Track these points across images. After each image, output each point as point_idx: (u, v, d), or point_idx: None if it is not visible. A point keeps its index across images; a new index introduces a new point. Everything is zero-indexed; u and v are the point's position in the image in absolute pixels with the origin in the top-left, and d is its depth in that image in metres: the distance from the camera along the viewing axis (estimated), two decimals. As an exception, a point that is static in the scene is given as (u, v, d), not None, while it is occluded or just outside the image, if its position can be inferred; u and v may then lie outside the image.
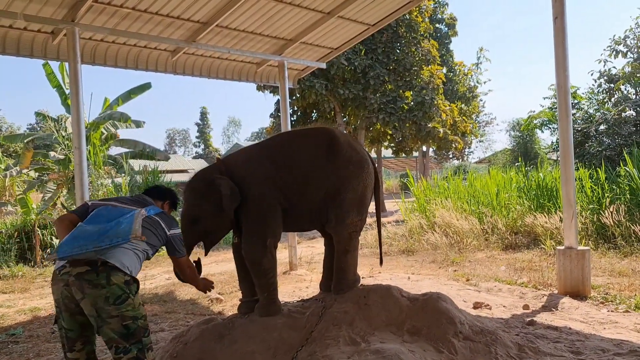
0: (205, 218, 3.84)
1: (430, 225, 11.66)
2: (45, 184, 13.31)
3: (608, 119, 12.49)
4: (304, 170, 3.97)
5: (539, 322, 4.68)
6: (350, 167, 4.04)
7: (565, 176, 6.29)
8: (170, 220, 3.33)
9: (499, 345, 3.32)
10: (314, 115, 21.89)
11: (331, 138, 4.09)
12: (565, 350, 3.68)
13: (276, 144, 4.20)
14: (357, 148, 4.24)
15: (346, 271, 4.09)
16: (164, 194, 3.65)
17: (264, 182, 3.89)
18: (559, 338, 4.02)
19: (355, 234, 4.14)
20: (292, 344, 3.43)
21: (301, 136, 4.31)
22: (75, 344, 2.92)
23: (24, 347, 5.35)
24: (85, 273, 2.74)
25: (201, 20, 7.65)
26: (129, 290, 2.84)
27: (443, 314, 3.49)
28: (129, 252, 2.92)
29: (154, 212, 3.21)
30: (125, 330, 2.80)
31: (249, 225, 3.89)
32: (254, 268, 3.89)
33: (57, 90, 13.40)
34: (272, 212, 3.90)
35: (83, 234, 2.81)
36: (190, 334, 3.68)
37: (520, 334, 4.01)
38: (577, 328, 4.46)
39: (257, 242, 3.85)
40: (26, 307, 7.12)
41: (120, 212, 3.01)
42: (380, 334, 3.35)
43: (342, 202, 4.01)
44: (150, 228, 3.10)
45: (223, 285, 8.06)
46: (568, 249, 6.15)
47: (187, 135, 74.71)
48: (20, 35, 6.89)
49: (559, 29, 6.25)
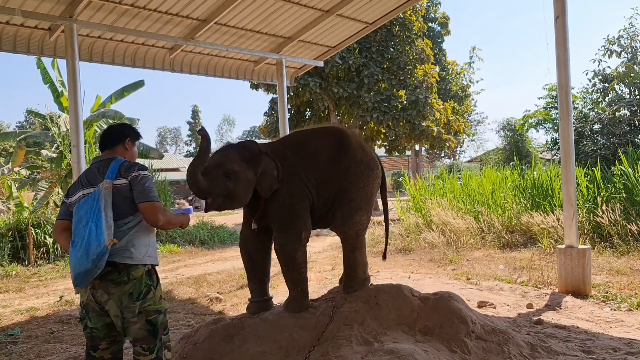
0: (236, 180, 3.56)
1: (426, 223, 11.66)
2: (38, 182, 13.17)
3: (602, 118, 12.56)
4: (320, 168, 3.96)
5: (546, 321, 4.69)
6: (361, 167, 4.04)
7: (566, 175, 6.30)
8: (130, 166, 2.91)
9: (512, 345, 3.31)
10: (308, 113, 21.86)
11: (342, 137, 4.10)
12: (576, 350, 3.69)
13: (295, 142, 4.16)
14: (367, 148, 4.25)
15: (356, 269, 4.08)
16: (120, 134, 3.14)
17: (294, 176, 3.86)
18: (568, 337, 4.03)
19: (362, 232, 4.14)
20: (304, 344, 3.40)
21: (315, 135, 4.28)
22: (100, 343, 2.89)
23: (23, 347, 5.27)
24: (108, 273, 2.74)
25: (200, 17, 7.60)
26: (151, 282, 2.85)
27: (455, 313, 3.47)
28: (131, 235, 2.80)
29: (114, 175, 2.84)
30: (151, 326, 2.80)
31: (283, 218, 3.82)
32: (289, 262, 3.85)
33: (49, 87, 13.24)
34: (304, 205, 3.88)
35: (76, 263, 2.70)
36: (199, 335, 3.63)
37: (531, 333, 4.01)
38: (585, 327, 4.48)
39: (292, 235, 3.80)
40: (22, 307, 7.03)
41: (89, 210, 2.78)
42: (392, 333, 3.32)
43: (351, 201, 4.01)
44: (126, 196, 2.83)
45: (221, 284, 8.01)
46: (569, 248, 6.16)
47: (179, 133, 74.42)
48: (17, 32, 6.80)
49: (560, 28, 6.26)
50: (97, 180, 2.88)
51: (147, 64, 8.26)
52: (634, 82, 12.86)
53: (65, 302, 7.10)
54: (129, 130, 3.20)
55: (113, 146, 3.08)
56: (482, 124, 45.22)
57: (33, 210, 11.46)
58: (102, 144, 3.12)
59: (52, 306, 7.00)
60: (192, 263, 10.68)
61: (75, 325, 5.91)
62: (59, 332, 5.79)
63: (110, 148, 3.09)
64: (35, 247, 10.69)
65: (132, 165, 2.92)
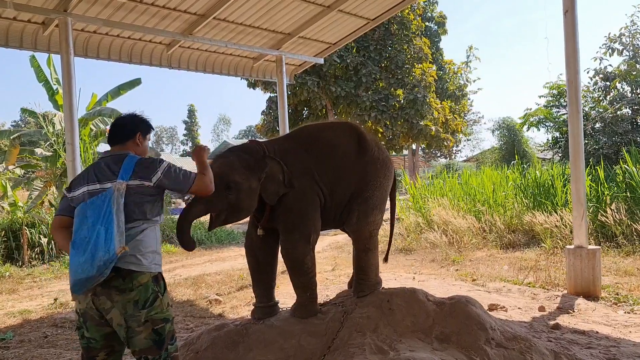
0: (238, 191, 3.33)
1: (427, 223, 11.50)
2: (32, 181, 12.93)
3: (604, 117, 12.44)
4: (336, 165, 3.77)
5: (563, 326, 4.50)
6: (378, 165, 3.90)
7: (576, 174, 6.15)
8: (149, 165, 2.69)
9: (535, 353, 3.12)
10: (305, 112, 21.69)
11: (360, 133, 3.95)
12: (602, 358, 3.50)
13: (307, 136, 3.95)
14: (381, 146, 4.12)
15: (367, 271, 3.91)
16: (131, 128, 2.88)
17: (304, 175, 3.63)
18: (590, 343, 3.85)
19: (375, 232, 3.99)
20: (313, 352, 3.20)
21: (330, 129, 4.08)
22: (98, 354, 2.65)
23: (16, 352, 5.05)
24: (112, 279, 2.51)
25: (198, 12, 7.41)
26: (158, 288, 2.63)
27: (473, 319, 3.28)
28: (137, 240, 2.59)
29: (128, 176, 2.61)
30: (157, 336, 2.58)
31: (290, 221, 3.60)
32: (296, 266, 3.65)
33: (44, 85, 12.99)
34: (314, 206, 3.66)
35: (77, 268, 2.48)
36: (201, 342, 3.42)
37: (552, 340, 3.83)
38: (604, 332, 4.30)
39: (300, 238, 3.59)
40: (15, 310, 6.81)
41: (97, 211, 2.55)
42: (407, 341, 3.13)
43: (367, 200, 3.84)
44: (138, 199, 2.62)
45: (220, 285, 7.82)
46: (578, 249, 6.00)
47: (175, 133, 73.94)
48: (10, 26, 6.60)
49: (569, 23, 6.09)
50: (106, 177, 2.64)
51: (144, 60, 8.06)
52: (636, 80, 12.77)
53: (59, 305, 6.89)
54: (140, 122, 2.94)
55: (123, 142, 2.85)
56: (477, 123, 45.17)
57: (27, 210, 11.23)
58: (112, 139, 2.87)
59: (46, 309, 6.79)
60: (189, 263, 10.47)
61: (70, 329, 5.70)
62: (53, 336, 5.57)
63: (120, 144, 2.85)
64: (30, 248, 10.46)
65: (149, 165, 2.69)
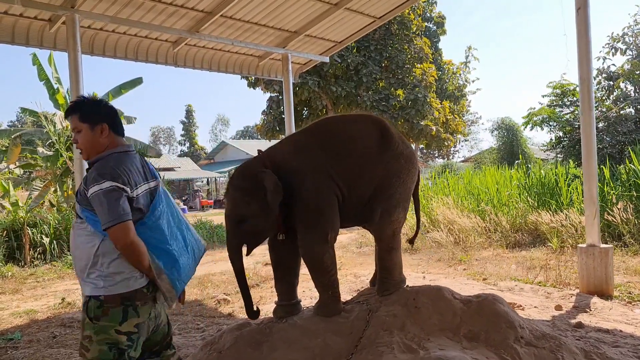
0: (253, 217, 3.43)
1: (431, 222, 11.47)
2: (32, 181, 12.83)
3: (608, 116, 12.44)
4: (357, 160, 3.64)
5: (585, 325, 4.46)
6: (402, 160, 3.77)
7: (588, 172, 6.11)
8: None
9: (565, 352, 3.06)
10: (305, 112, 21.61)
11: (383, 127, 3.80)
12: (631, 356, 3.46)
13: (325, 131, 3.82)
14: (406, 141, 3.98)
15: (391, 271, 3.82)
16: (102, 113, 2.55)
17: (319, 173, 3.54)
18: (616, 342, 3.80)
19: (398, 231, 3.88)
20: (339, 351, 3.14)
21: (351, 122, 3.95)
22: None
23: (25, 352, 4.98)
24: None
25: (205, 9, 7.34)
26: None
27: (501, 317, 3.23)
28: None
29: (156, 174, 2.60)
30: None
31: (307, 220, 3.53)
32: (315, 266, 3.57)
33: (45, 84, 12.90)
34: (331, 203, 3.56)
35: (189, 272, 2.58)
36: (224, 341, 3.35)
37: (580, 339, 3.79)
38: (627, 330, 4.26)
39: (318, 237, 3.51)
40: (21, 310, 6.73)
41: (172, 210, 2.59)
42: (435, 339, 3.07)
43: (391, 197, 3.73)
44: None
45: (226, 285, 7.75)
46: (590, 247, 5.96)
47: (172, 133, 73.67)
48: (16, 22, 6.52)
49: (582, 20, 6.05)
50: (145, 173, 2.55)
51: (150, 58, 7.98)
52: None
53: (66, 305, 6.81)
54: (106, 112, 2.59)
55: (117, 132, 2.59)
56: (475, 123, 45.27)
57: (29, 210, 11.13)
58: (122, 129, 2.62)
59: (53, 308, 6.71)
60: (193, 264, 10.39)
61: (78, 329, 5.63)
62: (62, 336, 5.50)
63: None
64: (32, 247, 10.37)
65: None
